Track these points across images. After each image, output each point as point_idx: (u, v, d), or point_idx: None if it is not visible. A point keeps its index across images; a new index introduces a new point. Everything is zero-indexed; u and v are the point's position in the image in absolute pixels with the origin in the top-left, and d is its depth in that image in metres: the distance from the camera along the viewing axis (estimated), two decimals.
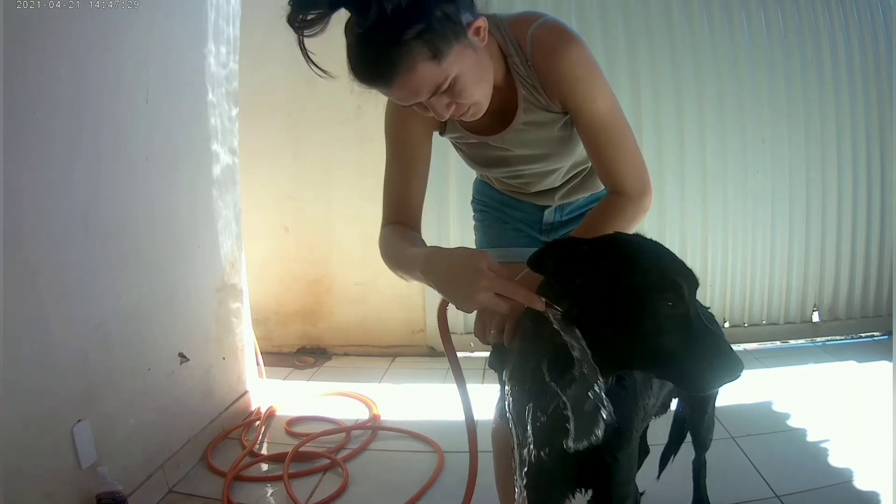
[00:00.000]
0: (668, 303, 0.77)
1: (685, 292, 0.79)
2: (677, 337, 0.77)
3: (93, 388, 1.65)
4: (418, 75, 0.86)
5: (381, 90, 0.90)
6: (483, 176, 1.37)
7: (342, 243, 3.25)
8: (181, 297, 2.09)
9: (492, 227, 1.37)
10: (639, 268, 0.80)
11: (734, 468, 1.94)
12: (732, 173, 3.11)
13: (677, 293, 0.78)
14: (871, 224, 3.20)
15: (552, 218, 1.33)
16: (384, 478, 2.02)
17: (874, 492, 1.77)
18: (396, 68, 0.84)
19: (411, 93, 0.88)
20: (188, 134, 2.15)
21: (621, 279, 0.79)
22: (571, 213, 1.34)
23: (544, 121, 1.09)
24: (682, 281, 0.79)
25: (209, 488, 1.95)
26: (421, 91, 0.88)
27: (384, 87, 0.88)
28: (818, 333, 3.27)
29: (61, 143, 1.54)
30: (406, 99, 0.90)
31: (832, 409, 2.37)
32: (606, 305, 0.79)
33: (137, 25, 1.81)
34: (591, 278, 0.80)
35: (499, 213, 1.35)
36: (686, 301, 0.79)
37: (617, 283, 0.79)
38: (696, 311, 0.80)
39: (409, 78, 0.86)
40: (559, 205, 1.32)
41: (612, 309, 0.79)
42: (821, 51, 3.01)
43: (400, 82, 0.86)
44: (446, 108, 0.93)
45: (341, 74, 0.96)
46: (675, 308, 0.78)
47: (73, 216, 1.60)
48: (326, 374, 3.05)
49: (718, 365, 0.78)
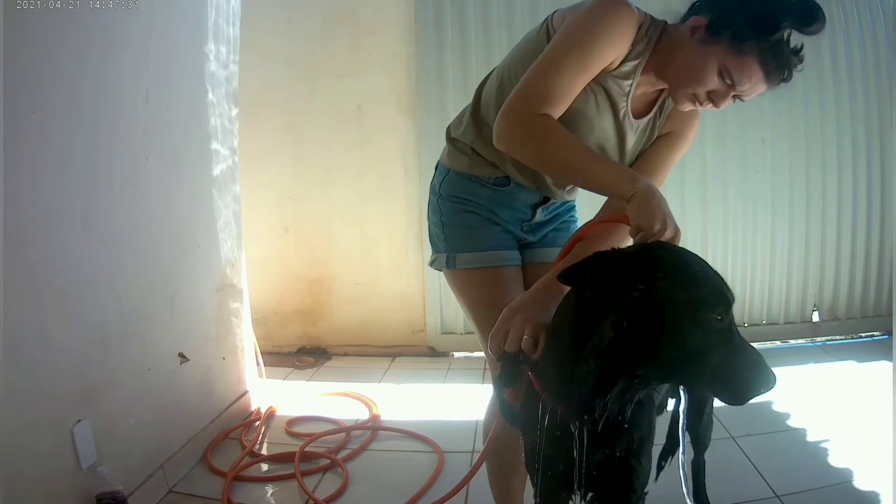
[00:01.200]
0: (717, 317, 0.78)
1: (732, 305, 0.81)
2: (723, 351, 0.79)
3: (93, 389, 1.65)
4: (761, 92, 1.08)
5: (756, 79, 1.04)
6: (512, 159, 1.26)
7: (342, 243, 3.25)
8: (181, 297, 2.09)
9: (481, 230, 1.27)
10: (692, 280, 0.81)
11: (734, 468, 1.94)
12: (732, 173, 3.11)
13: (726, 307, 0.80)
14: (871, 224, 3.20)
15: (540, 217, 1.31)
16: (384, 478, 2.02)
17: (874, 492, 1.77)
18: (780, 75, 1.04)
19: (756, 89, 1.06)
20: (188, 134, 2.15)
21: (675, 292, 0.79)
22: (550, 214, 1.34)
23: (647, 134, 1.22)
24: (731, 294, 0.81)
25: (209, 488, 1.95)
26: (751, 95, 1.08)
27: (763, 81, 1.04)
28: (818, 333, 3.27)
29: (61, 143, 1.54)
30: (749, 88, 1.05)
31: (832, 409, 2.37)
32: (657, 318, 0.79)
33: (137, 25, 1.81)
34: (644, 290, 0.79)
35: (489, 215, 1.26)
36: (731, 315, 0.81)
37: (669, 296, 0.79)
38: (735, 324, 0.82)
39: (764, 89, 1.07)
40: (547, 204, 1.32)
41: (663, 322, 0.79)
42: (821, 51, 3.01)
43: (764, 88, 1.06)
44: (725, 98, 1.08)
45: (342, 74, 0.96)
46: (722, 322, 0.79)
47: (73, 216, 1.60)
48: (326, 374, 3.05)
49: (757, 378, 0.80)
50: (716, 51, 1.03)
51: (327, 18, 3.09)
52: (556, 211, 1.36)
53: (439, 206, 1.30)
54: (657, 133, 1.23)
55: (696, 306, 0.78)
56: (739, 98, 1.08)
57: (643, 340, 0.79)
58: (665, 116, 1.22)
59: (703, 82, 1.05)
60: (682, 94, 1.10)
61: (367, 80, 3.11)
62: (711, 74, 1.04)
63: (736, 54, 1.01)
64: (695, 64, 1.05)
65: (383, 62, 3.10)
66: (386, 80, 3.11)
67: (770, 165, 3.11)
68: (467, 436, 2.18)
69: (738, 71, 1.02)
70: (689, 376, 0.82)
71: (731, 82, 1.04)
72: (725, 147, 3.09)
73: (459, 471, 2.02)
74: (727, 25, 1.02)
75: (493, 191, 1.26)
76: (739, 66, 1.02)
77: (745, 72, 1.02)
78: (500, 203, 1.27)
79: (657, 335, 0.79)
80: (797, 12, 0.99)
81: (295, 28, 3.10)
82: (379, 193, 3.20)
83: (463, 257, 1.25)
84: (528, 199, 1.29)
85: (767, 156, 3.10)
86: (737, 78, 1.03)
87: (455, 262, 1.26)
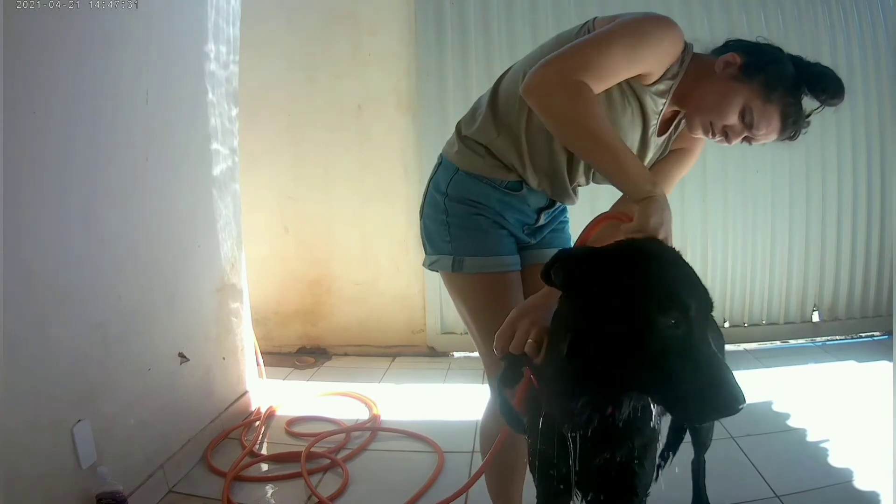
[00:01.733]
0: (670, 321, 0.73)
1: (691, 312, 0.74)
2: (678, 361, 0.72)
3: (93, 389, 1.65)
4: None
5: (773, 128, 1.12)
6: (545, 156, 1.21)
7: (342, 243, 3.25)
8: (181, 297, 2.09)
9: (490, 233, 1.24)
10: (646, 281, 0.76)
11: (734, 468, 1.94)
12: (732, 174, 3.12)
13: (682, 312, 0.73)
14: (871, 224, 3.20)
15: (543, 220, 1.31)
16: (384, 478, 2.02)
17: (874, 492, 1.77)
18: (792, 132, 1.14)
19: (768, 137, 1.13)
20: (188, 134, 2.15)
21: (628, 292, 0.76)
22: (550, 216, 1.34)
23: (660, 149, 1.26)
24: (689, 299, 0.74)
25: (209, 488, 1.95)
26: (767, 139, 1.14)
27: (777, 133, 1.13)
28: (818, 333, 3.27)
29: (61, 143, 1.54)
30: (763, 134, 1.12)
31: (832, 409, 2.37)
32: (612, 321, 0.76)
33: (137, 25, 1.81)
34: (601, 292, 0.78)
35: (497, 218, 1.24)
36: (691, 321, 0.74)
37: (622, 297, 0.76)
38: (704, 335, 0.75)
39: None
40: (552, 208, 1.32)
41: (618, 325, 0.75)
42: (821, 51, 3.01)
43: (776, 137, 1.13)
44: (738, 136, 1.14)
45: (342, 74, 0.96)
46: (677, 328, 0.73)
47: (73, 216, 1.60)
48: (326, 374, 3.05)
49: (713, 397, 0.72)
50: (744, 90, 1.07)
51: (327, 18, 3.09)
52: (554, 215, 1.36)
53: (445, 205, 1.25)
54: (668, 150, 1.27)
55: (647, 308, 0.73)
56: (748, 141, 1.13)
57: (600, 344, 0.76)
58: (677, 134, 1.26)
59: (724, 116, 1.09)
60: (699, 122, 1.14)
61: (367, 80, 3.11)
62: (734, 111, 1.08)
63: (763, 99, 1.06)
64: (720, 96, 1.09)
65: (383, 62, 3.11)
66: (386, 80, 3.12)
67: (770, 165, 3.11)
68: (467, 436, 2.18)
69: (760, 115, 1.07)
70: (644, 386, 0.76)
71: (749, 123, 1.08)
72: (725, 147, 3.07)
73: (459, 471, 2.02)
74: (762, 70, 1.07)
75: (504, 194, 1.23)
76: (762, 110, 1.07)
77: (765, 118, 1.07)
78: (508, 206, 1.24)
79: (612, 339, 0.76)
80: (833, 84, 1.10)
81: (295, 28, 3.10)
82: (379, 193, 3.20)
83: (471, 261, 1.22)
84: (536, 204, 1.27)
85: (767, 156, 3.10)
86: (757, 121, 1.08)
87: (462, 266, 1.23)
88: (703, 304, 0.76)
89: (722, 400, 0.72)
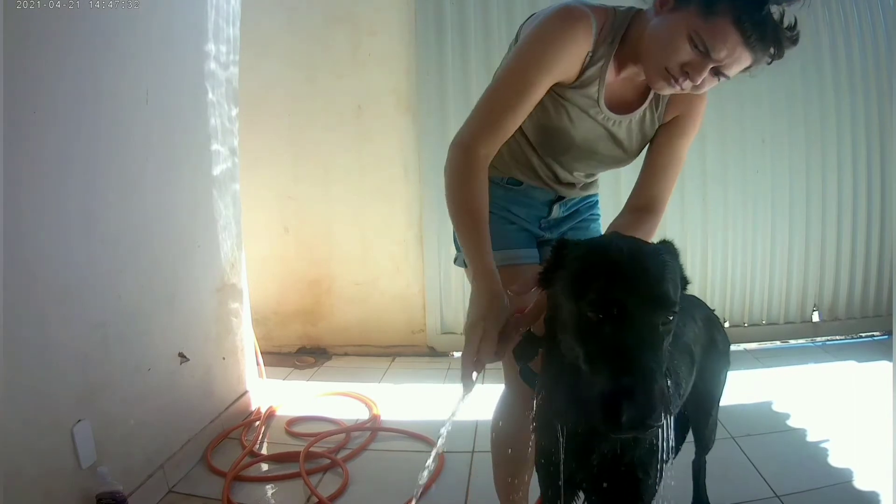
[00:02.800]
0: (589, 309, 0.71)
1: (613, 305, 0.70)
2: (596, 353, 0.71)
3: (93, 388, 1.65)
4: (745, 65, 0.99)
5: (732, 45, 0.95)
6: (519, 161, 1.27)
7: (342, 243, 3.25)
8: (181, 297, 2.09)
9: (496, 228, 1.26)
10: (580, 268, 0.77)
11: (734, 468, 1.94)
12: (732, 174, 3.12)
13: (598, 299, 0.71)
14: (871, 224, 3.20)
15: (558, 213, 1.32)
16: (384, 478, 2.02)
17: (874, 492, 1.77)
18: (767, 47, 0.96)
19: (737, 60, 0.97)
20: (188, 134, 2.15)
21: (564, 278, 0.79)
22: (569, 210, 1.35)
23: (648, 125, 1.20)
24: (621, 293, 0.71)
25: (209, 488, 1.95)
26: (732, 68, 0.98)
27: (743, 49, 0.96)
28: (818, 333, 3.27)
29: (61, 143, 1.54)
30: (726, 56, 0.96)
31: (832, 409, 2.37)
32: (559, 311, 0.81)
33: (137, 25, 1.81)
34: (555, 276, 0.83)
35: (504, 213, 1.28)
36: (619, 319, 0.70)
37: (560, 281, 0.80)
38: (636, 334, 0.69)
39: (747, 59, 0.98)
40: (565, 199, 1.33)
41: (562, 314, 0.80)
42: (821, 51, 3.02)
43: (746, 57, 0.97)
44: (705, 80, 1.01)
45: (342, 74, 0.97)
46: (595, 316, 0.71)
47: (73, 216, 1.60)
48: (326, 374, 3.05)
49: (600, 406, 0.67)
50: (684, 16, 0.97)
51: (327, 18, 3.09)
52: (576, 207, 1.36)
53: None
54: (660, 121, 1.21)
55: (570, 298, 0.76)
56: (722, 73, 0.99)
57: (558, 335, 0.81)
58: (664, 104, 1.19)
59: (673, 52, 0.98)
60: (654, 73, 1.04)
61: (367, 80, 3.11)
62: (681, 42, 0.97)
63: (706, 16, 0.94)
64: (663, 34, 1.00)
65: (383, 62, 3.11)
66: (386, 80, 3.11)
67: (770, 166, 3.11)
68: (467, 436, 2.18)
69: (711, 35, 0.94)
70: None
71: (704, 49, 0.95)
72: (725, 147, 3.09)
73: (459, 471, 2.02)
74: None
75: (507, 190, 1.28)
76: (711, 30, 0.94)
77: (719, 35, 0.94)
78: (514, 202, 1.28)
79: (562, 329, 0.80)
80: None
81: (295, 28, 3.10)
82: (379, 193, 3.20)
83: None
84: (543, 197, 1.30)
85: (767, 156, 3.10)
86: (710, 44, 0.94)
87: None
88: (645, 301, 0.71)
89: (609, 411, 0.65)
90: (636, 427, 0.64)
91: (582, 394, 0.76)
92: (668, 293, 0.73)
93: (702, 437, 1.47)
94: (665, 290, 0.73)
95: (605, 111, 1.15)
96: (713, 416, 1.42)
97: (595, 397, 0.68)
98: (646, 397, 0.64)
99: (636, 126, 1.20)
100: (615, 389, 0.66)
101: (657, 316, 0.71)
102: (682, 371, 1.09)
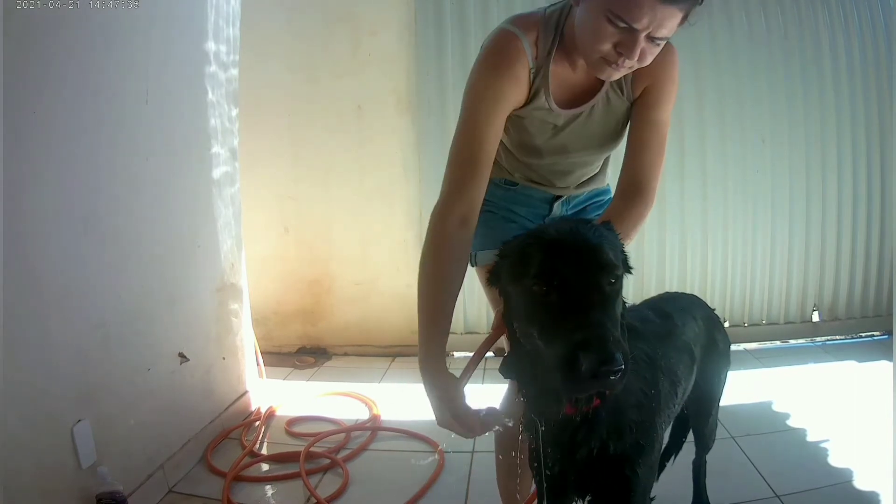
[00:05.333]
0: (534, 284, 0.74)
1: (554, 275, 0.73)
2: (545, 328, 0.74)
3: (93, 388, 1.65)
4: (677, 19, 0.95)
5: (650, 7, 0.92)
6: (510, 166, 1.31)
7: (342, 243, 3.25)
8: (181, 297, 2.09)
9: (497, 228, 1.31)
10: (521, 255, 0.80)
11: (734, 468, 1.94)
12: (732, 173, 3.11)
13: (544, 274, 0.73)
14: (871, 224, 3.20)
15: (560, 211, 1.34)
16: (384, 478, 2.02)
17: (874, 492, 1.77)
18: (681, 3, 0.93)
19: (664, 19, 0.93)
20: (188, 134, 2.15)
21: (507, 270, 0.85)
22: (575, 207, 1.36)
23: (617, 106, 1.17)
24: (560, 262, 0.73)
25: (209, 488, 1.95)
26: (663, 27, 0.94)
27: (663, 6, 0.92)
28: (818, 333, 3.27)
29: (61, 143, 1.54)
30: (650, 21, 0.93)
31: (832, 409, 2.37)
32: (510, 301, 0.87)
33: (137, 25, 1.81)
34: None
35: (505, 213, 1.32)
36: (556, 286, 0.72)
37: (507, 262, 0.86)
38: (582, 296, 0.71)
39: (675, 13, 0.94)
40: (566, 198, 1.34)
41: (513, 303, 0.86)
42: (821, 51, 3.02)
43: (671, 12, 0.93)
44: (644, 51, 0.98)
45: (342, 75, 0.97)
46: (541, 292, 0.73)
47: (73, 216, 1.60)
48: (326, 374, 3.05)
49: (558, 367, 0.69)
50: (597, 0, 0.96)
51: (327, 18, 3.09)
52: (583, 205, 1.37)
53: None
54: (630, 98, 1.17)
55: (515, 277, 0.80)
56: (656, 38, 0.96)
57: None
58: (629, 80, 1.15)
59: (600, 38, 0.97)
60: (593, 63, 1.03)
61: (367, 81, 3.11)
62: (602, 25, 0.95)
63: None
64: (586, 23, 0.99)
65: (383, 62, 3.11)
66: (386, 81, 3.11)
67: (770, 165, 3.11)
68: None
69: (625, 9, 0.92)
70: None
71: (626, 24, 0.93)
72: (725, 147, 3.09)
73: (459, 471, 2.02)
74: None
75: (506, 190, 1.32)
76: (624, 3, 0.92)
77: (633, 5, 0.92)
78: (515, 201, 1.32)
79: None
80: None
81: (295, 28, 3.10)
82: (379, 193, 3.20)
83: (482, 255, 1.29)
84: (541, 196, 1.32)
85: (767, 156, 3.10)
86: (628, 17, 0.92)
87: (475, 260, 1.31)
88: (585, 268, 0.73)
89: (566, 367, 0.67)
90: (597, 375, 0.65)
91: (546, 376, 0.77)
92: (607, 255, 0.75)
93: (702, 437, 1.47)
94: (603, 253, 0.75)
95: (559, 111, 1.15)
96: (713, 415, 1.43)
97: (554, 366, 0.69)
98: (600, 345, 0.65)
99: (601, 111, 1.17)
100: (571, 347, 0.66)
101: (600, 277, 0.73)
102: (682, 371, 1.09)
